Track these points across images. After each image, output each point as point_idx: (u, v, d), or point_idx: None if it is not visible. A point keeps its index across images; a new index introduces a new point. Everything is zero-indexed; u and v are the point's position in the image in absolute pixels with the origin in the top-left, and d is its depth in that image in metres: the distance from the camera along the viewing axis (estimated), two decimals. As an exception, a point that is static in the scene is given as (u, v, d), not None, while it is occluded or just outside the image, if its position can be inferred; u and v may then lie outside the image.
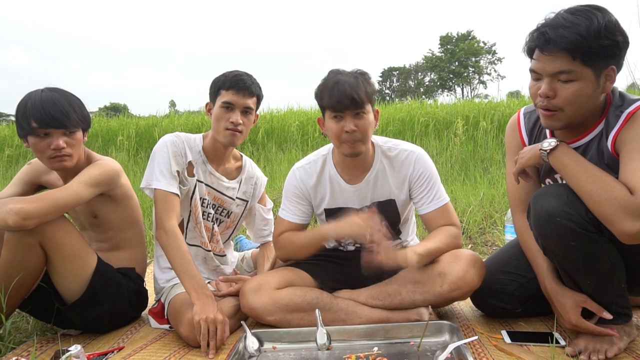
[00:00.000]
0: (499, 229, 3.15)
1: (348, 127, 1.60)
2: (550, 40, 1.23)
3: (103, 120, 9.68)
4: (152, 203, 1.79)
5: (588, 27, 1.20)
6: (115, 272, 1.78)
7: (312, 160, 1.84)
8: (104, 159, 1.77)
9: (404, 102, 11.12)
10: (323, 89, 1.65)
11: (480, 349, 1.49)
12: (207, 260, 1.97)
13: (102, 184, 1.69)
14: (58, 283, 1.68)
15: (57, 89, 1.69)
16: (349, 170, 1.77)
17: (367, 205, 1.78)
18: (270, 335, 1.62)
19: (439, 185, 1.75)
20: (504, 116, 6.84)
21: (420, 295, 1.63)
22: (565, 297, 1.41)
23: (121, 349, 1.65)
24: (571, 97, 1.26)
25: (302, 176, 1.82)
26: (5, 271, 1.57)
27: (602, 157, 1.32)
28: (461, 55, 53.99)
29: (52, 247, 1.61)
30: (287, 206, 1.84)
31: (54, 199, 1.57)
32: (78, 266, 1.67)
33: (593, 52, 1.21)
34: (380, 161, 1.76)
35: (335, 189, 1.79)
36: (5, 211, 1.48)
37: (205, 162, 1.88)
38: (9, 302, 1.61)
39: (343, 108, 1.60)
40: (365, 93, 1.61)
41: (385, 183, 1.76)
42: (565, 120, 1.31)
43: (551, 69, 1.26)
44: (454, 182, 4.49)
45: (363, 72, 1.68)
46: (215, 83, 1.83)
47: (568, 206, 1.27)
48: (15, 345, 1.71)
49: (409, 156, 1.75)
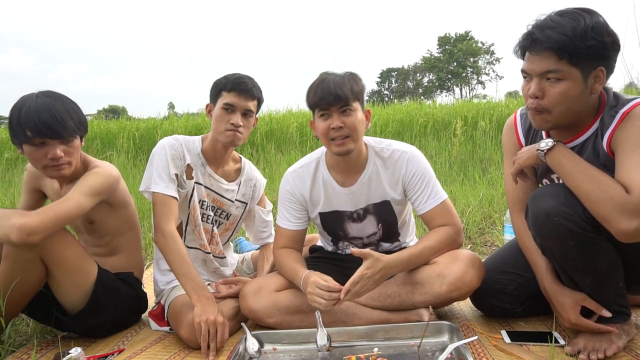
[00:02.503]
0: (498, 229, 3.16)
1: (334, 124, 1.60)
2: (537, 40, 1.26)
3: (102, 122, 9.69)
4: (151, 205, 1.79)
5: (574, 27, 1.22)
6: (114, 279, 1.77)
7: (305, 163, 1.83)
8: (102, 165, 1.74)
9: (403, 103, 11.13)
10: (310, 89, 1.67)
11: (480, 349, 1.50)
12: (206, 262, 1.97)
13: (102, 193, 1.66)
14: (59, 294, 1.67)
15: (51, 93, 1.63)
16: (342, 172, 1.76)
17: (362, 207, 1.78)
18: (271, 336, 1.63)
19: (434, 183, 1.74)
20: (502, 116, 6.85)
21: (419, 296, 1.63)
22: (564, 296, 1.42)
23: (121, 351, 1.65)
24: (558, 97, 1.28)
25: (295, 180, 1.81)
26: (5, 285, 1.54)
27: (598, 157, 1.33)
28: (459, 55, 54.07)
29: (53, 262, 1.59)
30: (282, 213, 1.84)
31: (57, 212, 1.53)
32: (79, 278, 1.65)
33: (579, 53, 1.22)
34: (373, 162, 1.76)
35: (329, 192, 1.79)
36: (9, 226, 1.44)
37: (204, 165, 1.89)
38: (8, 311, 1.60)
39: (328, 105, 1.60)
40: (351, 90, 1.61)
41: (380, 184, 1.76)
42: (552, 121, 1.33)
43: (539, 68, 1.28)
44: (453, 183, 4.49)
45: (351, 73, 1.69)
46: (217, 85, 1.83)
47: (565, 206, 1.27)
48: (15, 348, 1.71)
49: (401, 156, 1.74)
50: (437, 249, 1.65)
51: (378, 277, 1.53)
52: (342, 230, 1.83)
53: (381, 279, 1.55)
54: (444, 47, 55.73)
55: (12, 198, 4.71)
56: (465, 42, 54.49)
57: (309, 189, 1.80)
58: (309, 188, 1.80)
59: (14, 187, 5.27)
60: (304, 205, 1.82)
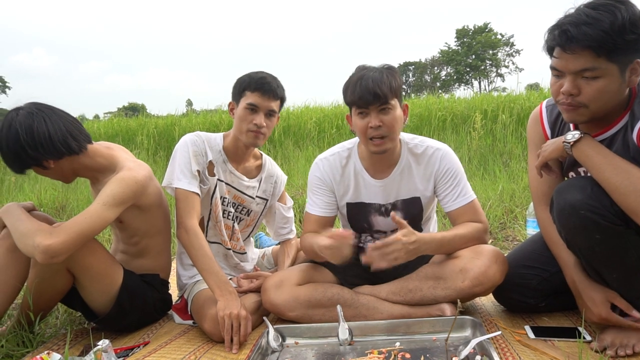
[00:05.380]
0: (520, 223, 3.11)
1: (373, 123, 1.58)
2: (572, 39, 1.19)
3: (122, 120, 9.86)
4: (174, 201, 1.81)
5: (612, 22, 1.16)
6: (140, 283, 1.78)
7: (336, 152, 1.82)
8: (129, 167, 1.67)
9: (421, 97, 11.02)
10: (348, 85, 1.64)
11: (503, 344, 1.48)
12: (227, 257, 1.99)
13: (126, 201, 1.63)
14: (87, 299, 1.71)
15: (26, 117, 1.55)
16: (375, 165, 1.75)
17: (391, 202, 1.77)
18: (293, 330, 1.64)
19: (464, 182, 1.73)
20: (523, 109, 6.72)
21: (441, 291, 1.62)
22: (595, 291, 1.39)
23: (147, 343, 1.69)
24: (596, 94, 1.23)
25: (325, 167, 1.80)
26: (33, 291, 1.59)
27: (628, 150, 1.30)
28: (478, 48, 53.19)
29: (79, 270, 1.62)
30: (311, 199, 1.83)
31: (80, 229, 1.51)
32: (105, 284, 1.68)
33: (618, 48, 1.17)
34: (406, 158, 1.75)
35: (360, 183, 1.78)
36: (33, 246, 1.46)
37: (225, 161, 1.90)
38: (37, 312, 1.66)
39: (367, 103, 1.58)
40: (390, 87, 1.58)
41: (411, 180, 1.75)
42: (588, 115, 1.29)
43: (574, 67, 1.22)
44: (472, 177, 4.44)
45: (390, 67, 1.66)
46: (241, 84, 1.82)
47: (592, 199, 1.25)
48: (45, 339, 1.76)
49: (435, 153, 1.73)
50: (467, 239, 1.65)
51: (411, 247, 1.51)
52: (367, 222, 1.83)
53: (414, 250, 1.53)
54: (462, 40, 54.87)
55: (39, 194, 4.83)
56: (484, 34, 53.56)
57: (339, 177, 1.79)
58: (339, 177, 1.79)
59: (40, 183, 5.41)
60: (333, 191, 1.81)
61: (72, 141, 1.60)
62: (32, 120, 1.55)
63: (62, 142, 1.58)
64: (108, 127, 9.16)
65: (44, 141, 1.55)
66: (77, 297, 1.72)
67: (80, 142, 1.63)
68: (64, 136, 1.58)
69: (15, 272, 1.64)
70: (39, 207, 4.24)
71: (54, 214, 4.18)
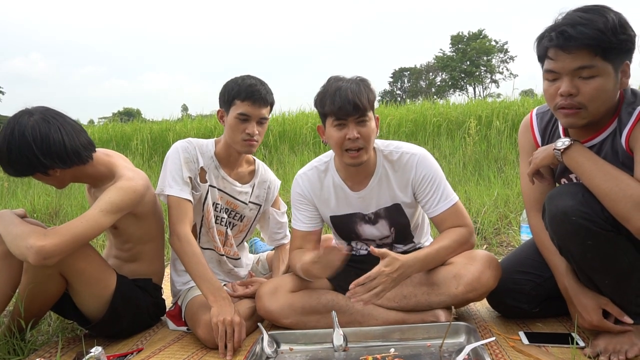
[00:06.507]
0: (514, 229, 3.12)
1: (351, 135, 1.57)
2: (571, 38, 1.22)
3: (117, 125, 9.84)
4: (167, 208, 1.81)
5: (605, 23, 1.21)
6: (133, 287, 1.78)
7: (314, 166, 1.82)
8: (128, 177, 1.66)
9: (416, 102, 11.05)
10: (324, 95, 1.62)
11: (497, 350, 1.49)
12: (221, 263, 1.99)
13: (124, 209, 1.63)
14: (79, 304, 1.70)
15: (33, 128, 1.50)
16: (352, 176, 1.75)
17: (373, 211, 1.77)
18: (287, 336, 1.63)
19: (444, 185, 1.71)
20: (517, 115, 6.76)
21: (435, 297, 1.63)
22: (587, 298, 1.40)
23: (140, 350, 1.68)
24: (594, 93, 1.25)
25: (304, 183, 1.81)
26: (25, 297, 1.58)
27: (617, 156, 1.31)
28: (473, 54, 53.60)
29: (72, 275, 1.61)
30: (295, 215, 1.84)
31: (75, 233, 1.51)
32: (98, 289, 1.67)
33: (612, 47, 1.21)
34: (382, 166, 1.74)
35: (340, 195, 1.78)
36: (26, 247, 1.45)
37: (217, 167, 1.90)
38: (28, 318, 1.65)
39: (346, 114, 1.57)
40: (367, 99, 1.58)
41: (389, 188, 1.74)
42: (587, 118, 1.30)
43: (572, 66, 1.25)
44: (467, 183, 4.45)
45: (363, 79, 1.65)
46: (229, 92, 1.79)
47: (584, 205, 1.26)
48: (37, 347, 1.75)
49: (410, 159, 1.71)
50: (452, 249, 1.64)
51: (396, 275, 1.51)
52: (354, 232, 1.83)
53: (400, 277, 1.53)
54: (457, 46, 55.28)
55: (32, 200, 4.80)
56: (478, 40, 53.99)
57: (318, 191, 1.80)
58: (319, 191, 1.79)
59: (33, 189, 5.38)
60: (316, 206, 1.82)
61: (83, 151, 1.59)
62: (49, 128, 1.52)
63: (75, 152, 1.56)
64: (102, 132, 9.13)
65: (59, 150, 1.53)
66: (69, 304, 1.71)
67: (89, 152, 1.63)
68: (76, 146, 1.57)
69: (7, 279, 1.63)
70: (32, 213, 4.24)
71: (48, 220, 4.15)
